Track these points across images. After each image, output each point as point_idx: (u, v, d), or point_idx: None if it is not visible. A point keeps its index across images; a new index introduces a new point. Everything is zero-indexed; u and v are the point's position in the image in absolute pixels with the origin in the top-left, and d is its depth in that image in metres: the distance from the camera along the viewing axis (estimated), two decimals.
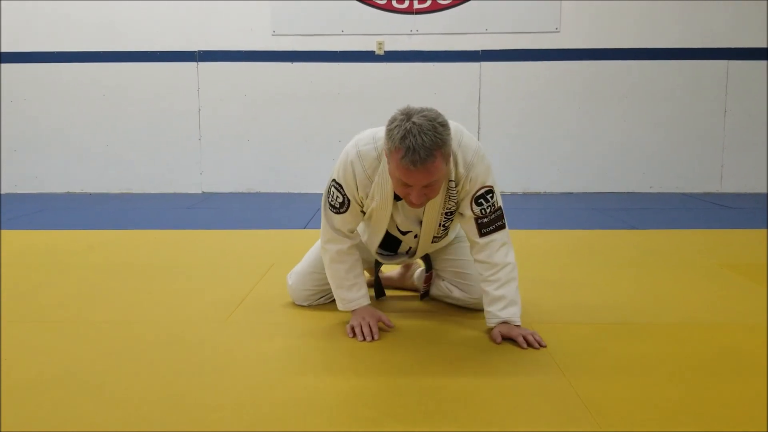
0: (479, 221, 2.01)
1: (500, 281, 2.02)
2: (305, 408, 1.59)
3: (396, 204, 2.07)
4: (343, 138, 5.58)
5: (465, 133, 2.00)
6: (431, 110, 1.81)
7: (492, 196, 2.01)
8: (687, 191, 5.74)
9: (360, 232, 2.25)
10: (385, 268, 2.63)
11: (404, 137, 1.76)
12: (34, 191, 5.85)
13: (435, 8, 5.59)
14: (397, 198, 2.02)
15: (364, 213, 2.10)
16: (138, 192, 5.85)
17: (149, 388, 1.69)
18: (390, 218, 2.10)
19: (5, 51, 5.70)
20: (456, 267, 2.33)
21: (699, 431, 1.47)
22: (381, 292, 2.48)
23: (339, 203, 2.06)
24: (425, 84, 5.60)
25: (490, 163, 2.02)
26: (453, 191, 2.00)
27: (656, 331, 2.14)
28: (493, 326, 2.05)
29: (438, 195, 1.98)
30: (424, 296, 2.43)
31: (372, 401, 1.62)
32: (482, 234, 2.02)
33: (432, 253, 2.36)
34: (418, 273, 2.54)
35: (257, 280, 2.76)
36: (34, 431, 1.48)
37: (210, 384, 1.72)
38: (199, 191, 5.86)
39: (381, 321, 2.12)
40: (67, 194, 5.81)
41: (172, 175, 5.85)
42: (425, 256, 2.36)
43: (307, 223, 4.21)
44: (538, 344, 1.97)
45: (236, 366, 1.85)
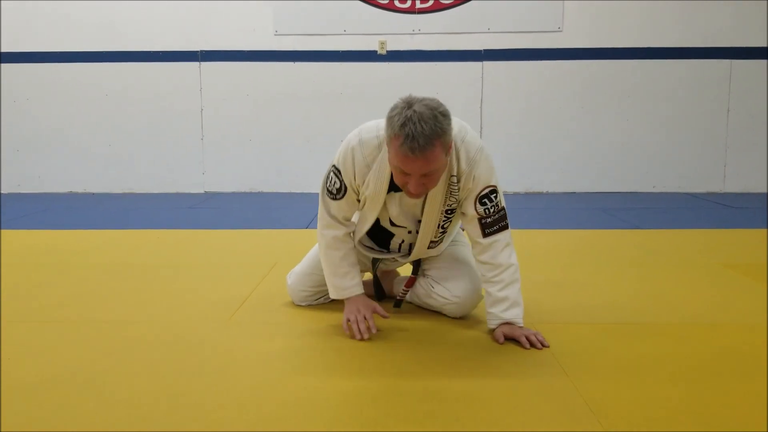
0: (483, 221, 2.01)
1: (504, 282, 2.02)
2: (307, 408, 1.59)
3: (394, 195, 2.05)
4: (345, 138, 5.58)
5: (469, 131, 2.00)
6: (433, 99, 1.81)
7: (496, 196, 2.00)
8: (690, 191, 5.73)
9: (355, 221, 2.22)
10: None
11: (404, 124, 1.76)
12: (37, 191, 5.85)
13: (437, 8, 5.59)
14: (397, 189, 2.00)
15: (360, 202, 2.09)
16: (140, 192, 5.85)
17: (151, 388, 1.69)
18: (383, 208, 2.07)
19: (8, 51, 5.70)
20: (443, 262, 2.26)
21: (702, 431, 1.47)
22: (381, 294, 2.41)
23: (336, 189, 2.06)
24: (427, 84, 5.59)
25: (494, 163, 2.02)
26: (455, 186, 1.98)
27: (659, 331, 2.14)
28: (495, 327, 2.05)
29: (438, 191, 1.98)
30: (398, 305, 2.32)
31: (374, 401, 1.62)
32: (486, 234, 2.01)
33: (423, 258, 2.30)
34: (399, 279, 2.45)
35: (259, 280, 2.76)
36: (36, 431, 1.48)
37: (212, 384, 1.72)
38: (202, 191, 5.86)
39: (376, 312, 2.10)
40: (70, 194, 5.82)
41: (175, 175, 5.85)
42: (415, 262, 2.29)
43: (309, 223, 4.21)
44: (541, 344, 1.97)
45: (238, 366, 1.85)
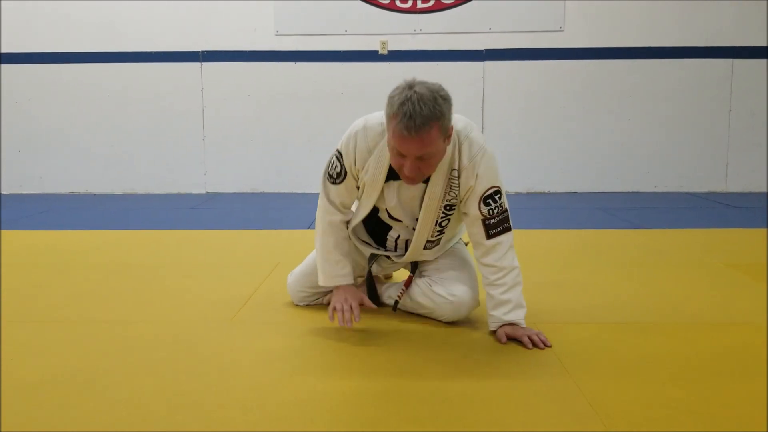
0: (486, 222, 2.00)
1: (507, 285, 2.02)
2: (310, 408, 1.59)
3: (392, 184, 2.04)
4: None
5: (475, 129, 2.01)
6: (435, 83, 1.82)
7: (500, 197, 2.00)
8: (691, 190, 5.72)
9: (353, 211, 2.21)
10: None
11: (403, 103, 1.77)
12: (38, 192, 5.86)
13: (438, 7, 5.59)
14: (396, 178, 2.00)
15: (359, 189, 2.09)
16: (142, 192, 5.85)
17: (154, 388, 1.69)
18: (380, 197, 2.07)
19: (9, 52, 5.71)
20: (444, 260, 2.23)
21: (705, 431, 1.47)
22: (373, 297, 2.28)
23: (336, 173, 2.08)
24: None
25: (498, 164, 2.02)
26: (455, 181, 1.98)
27: (661, 331, 2.14)
28: (497, 329, 2.05)
29: (438, 185, 1.98)
30: (395, 307, 2.24)
31: (376, 402, 1.62)
32: (489, 236, 2.01)
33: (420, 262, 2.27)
34: (389, 285, 2.38)
35: (262, 280, 2.76)
36: (37, 431, 1.48)
37: (214, 383, 1.72)
38: (203, 191, 5.87)
39: (363, 303, 2.10)
40: (71, 194, 5.82)
41: (176, 176, 5.86)
42: (412, 265, 2.27)
43: (311, 224, 4.21)
44: (543, 344, 1.97)
45: (240, 366, 1.85)
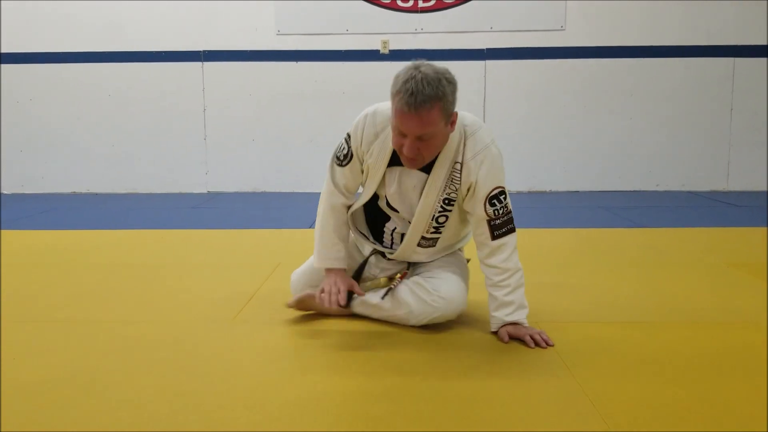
0: (491, 223, 2.00)
1: (511, 287, 2.02)
2: (312, 407, 1.59)
3: (394, 170, 2.04)
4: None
5: (483, 128, 2.01)
6: (443, 67, 1.84)
7: (504, 198, 2.00)
8: (693, 189, 5.72)
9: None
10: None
11: (407, 81, 1.79)
12: (40, 191, 5.86)
13: (439, 7, 5.58)
14: (399, 164, 2.00)
15: (363, 173, 2.11)
16: (143, 192, 5.86)
17: (155, 388, 1.70)
18: (381, 184, 2.07)
19: (11, 52, 5.71)
20: (435, 266, 2.19)
21: (708, 431, 1.47)
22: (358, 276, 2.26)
23: (344, 155, 2.11)
24: None
25: (503, 165, 2.02)
26: (457, 174, 1.98)
27: (663, 330, 2.14)
28: (497, 330, 2.05)
29: (439, 176, 1.98)
30: (384, 295, 2.16)
31: (379, 400, 1.62)
32: (494, 237, 2.00)
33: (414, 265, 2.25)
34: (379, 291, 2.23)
35: (263, 280, 2.76)
36: (43, 430, 1.48)
37: (216, 383, 1.73)
38: (205, 191, 5.87)
39: (353, 289, 2.10)
40: (73, 194, 5.83)
41: (178, 175, 5.86)
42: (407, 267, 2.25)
43: (313, 223, 4.20)
44: (546, 343, 1.97)
45: (243, 365, 1.85)
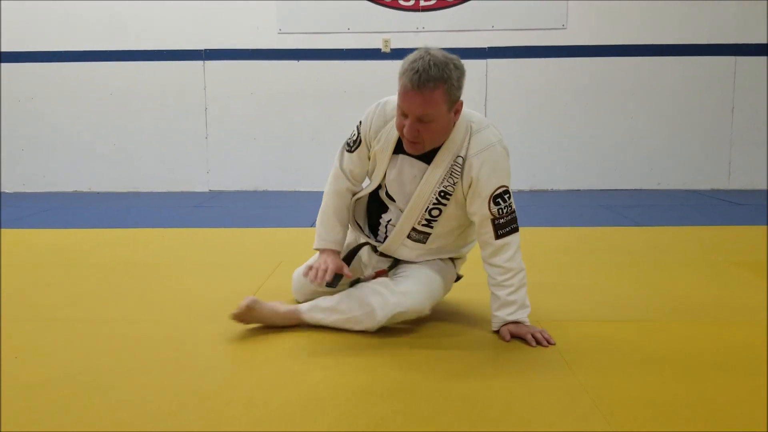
0: (496, 222, 2.00)
1: (514, 287, 2.02)
2: (314, 405, 1.59)
3: (397, 157, 2.05)
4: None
5: (491, 129, 2.03)
6: (454, 54, 1.87)
7: (509, 197, 2.00)
8: (694, 188, 5.72)
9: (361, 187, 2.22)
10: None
11: (414, 61, 1.83)
12: (42, 190, 5.87)
13: (441, 5, 5.58)
14: (403, 151, 2.01)
15: (369, 160, 2.13)
16: (145, 190, 5.86)
17: (158, 386, 1.70)
18: (384, 172, 2.08)
19: (12, 51, 5.72)
20: (413, 266, 2.15)
21: (709, 429, 1.47)
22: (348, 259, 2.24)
23: (353, 141, 2.13)
24: None
25: (509, 165, 2.02)
26: (458, 168, 1.98)
27: (665, 329, 2.14)
28: (499, 329, 2.05)
29: (439, 167, 1.98)
30: (353, 283, 2.19)
31: (381, 399, 1.62)
32: (498, 236, 2.00)
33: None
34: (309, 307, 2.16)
35: (265, 278, 2.77)
36: (45, 429, 1.48)
37: (219, 381, 1.73)
38: (206, 189, 5.87)
39: (342, 271, 2.09)
40: (74, 193, 5.83)
41: (179, 174, 5.86)
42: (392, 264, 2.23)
43: (314, 221, 4.21)
44: (547, 342, 1.97)
45: (245, 364, 1.86)
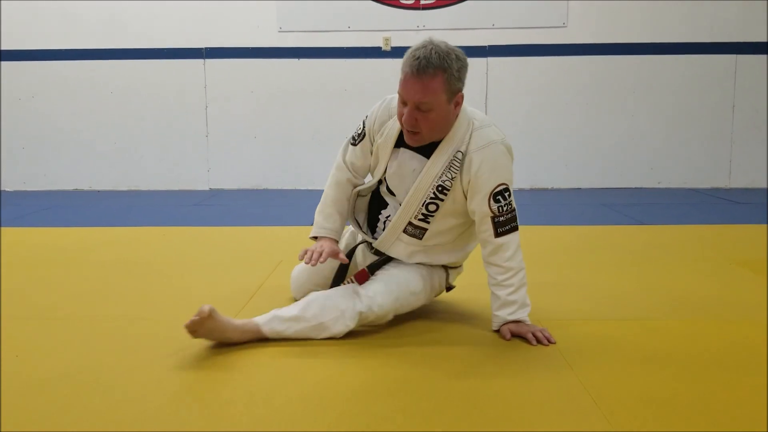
0: (495, 220, 1.99)
1: (514, 286, 2.01)
2: (316, 403, 1.59)
3: (398, 151, 2.06)
4: (350, 134, 5.57)
5: (493, 128, 2.03)
6: (459, 48, 1.90)
7: (509, 195, 2.00)
8: (695, 186, 5.72)
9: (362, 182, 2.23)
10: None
11: (417, 48, 1.86)
12: (43, 189, 5.87)
13: (441, 3, 5.58)
14: (404, 145, 2.03)
15: (372, 155, 2.14)
16: (146, 189, 5.86)
17: (160, 384, 1.70)
18: (385, 166, 2.08)
19: (13, 49, 5.72)
20: (393, 267, 2.13)
21: (710, 427, 1.47)
22: (342, 277, 2.22)
23: (358, 134, 2.15)
24: None
25: (511, 164, 2.02)
26: (457, 163, 1.98)
27: (665, 328, 2.14)
28: (499, 328, 2.05)
29: (438, 161, 1.98)
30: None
31: (382, 397, 1.62)
32: (498, 234, 2.00)
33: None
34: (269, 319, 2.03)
35: (266, 277, 2.77)
36: (46, 429, 1.48)
37: (220, 380, 1.73)
38: (207, 188, 5.87)
39: (338, 257, 2.09)
40: (75, 191, 5.84)
41: (180, 172, 5.86)
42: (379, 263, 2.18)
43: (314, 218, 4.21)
44: (547, 341, 1.97)
45: (246, 362, 1.85)
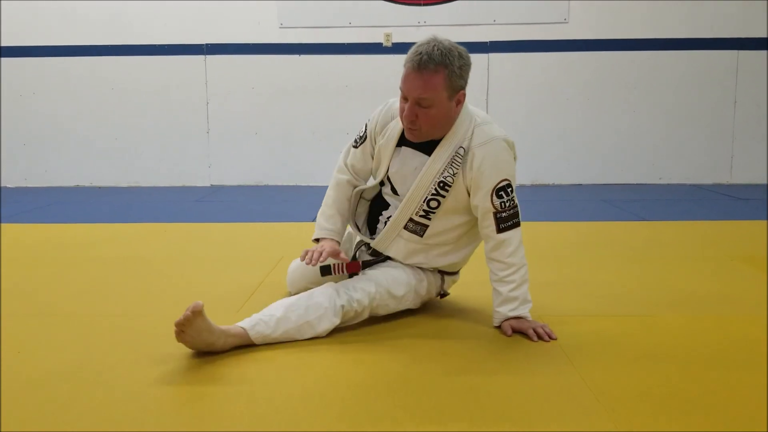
0: (498, 216, 1.99)
1: (516, 283, 2.01)
2: (317, 400, 1.59)
3: (400, 149, 2.07)
4: (351, 130, 5.56)
5: (495, 126, 2.03)
6: (462, 47, 1.92)
7: (511, 191, 2.00)
8: (696, 182, 5.71)
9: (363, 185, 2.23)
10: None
11: (420, 45, 1.88)
12: (44, 185, 5.87)
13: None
14: (406, 143, 2.04)
15: (373, 159, 2.15)
16: (146, 185, 5.86)
17: (161, 381, 1.70)
18: (387, 166, 2.09)
19: (13, 45, 5.71)
20: (383, 267, 2.13)
21: (711, 424, 1.47)
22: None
23: (360, 137, 2.17)
24: None
25: (513, 161, 2.02)
26: (458, 159, 1.98)
27: (666, 323, 2.14)
28: (500, 324, 2.05)
29: (440, 157, 1.98)
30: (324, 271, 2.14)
31: (383, 395, 1.62)
32: (500, 230, 2.00)
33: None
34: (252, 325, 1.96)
35: (266, 273, 2.77)
36: (47, 426, 1.48)
37: (221, 377, 1.73)
38: (208, 184, 5.87)
39: (339, 257, 2.07)
40: (76, 188, 5.83)
41: (181, 169, 5.86)
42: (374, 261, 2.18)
43: (316, 216, 4.20)
44: (549, 337, 1.97)
45: (246, 358, 1.85)
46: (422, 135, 1.97)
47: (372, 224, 2.23)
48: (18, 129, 5.83)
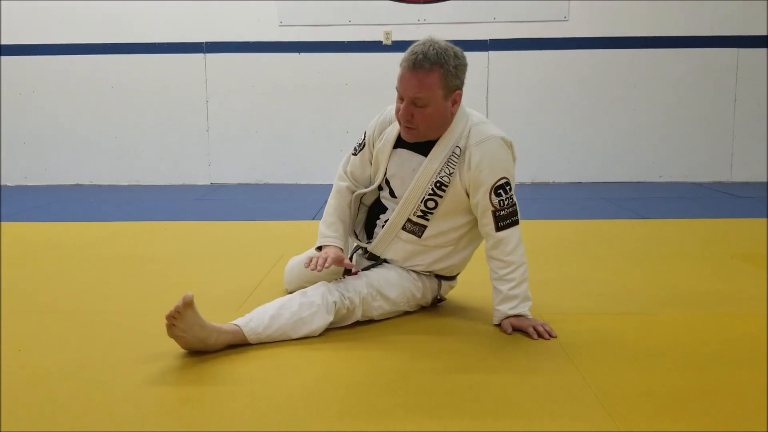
0: (496, 214, 1.99)
1: (515, 281, 2.01)
2: (318, 398, 1.60)
3: (396, 151, 2.07)
4: (351, 128, 5.58)
5: (491, 126, 2.03)
6: (459, 48, 1.94)
7: (510, 189, 2.00)
8: (696, 180, 5.71)
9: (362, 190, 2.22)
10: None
11: (416, 45, 1.89)
12: (44, 183, 5.87)
13: None
14: (403, 144, 2.05)
15: (371, 164, 2.16)
16: (146, 184, 5.86)
17: (161, 379, 1.70)
18: (385, 169, 2.09)
19: (13, 44, 5.71)
20: (380, 269, 2.14)
21: (711, 422, 1.47)
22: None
23: (359, 144, 2.18)
24: None
25: (511, 159, 2.02)
26: (455, 158, 1.98)
27: (666, 322, 2.14)
28: (500, 322, 2.05)
29: (437, 157, 1.98)
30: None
31: (383, 392, 1.62)
32: (499, 228, 2.00)
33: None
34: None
35: (267, 271, 2.77)
36: (47, 425, 1.48)
37: (221, 374, 1.73)
38: (208, 183, 5.87)
39: (344, 264, 2.04)
40: (76, 186, 5.83)
41: (180, 167, 5.86)
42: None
43: (316, 214, 4.21)
44: (548, 335, 1.97)
45: (247, 356, 1.85)
46: (419, 134, 1.97)
47: (369, 229, 2.23)
48: (18, 127, 5.83)
